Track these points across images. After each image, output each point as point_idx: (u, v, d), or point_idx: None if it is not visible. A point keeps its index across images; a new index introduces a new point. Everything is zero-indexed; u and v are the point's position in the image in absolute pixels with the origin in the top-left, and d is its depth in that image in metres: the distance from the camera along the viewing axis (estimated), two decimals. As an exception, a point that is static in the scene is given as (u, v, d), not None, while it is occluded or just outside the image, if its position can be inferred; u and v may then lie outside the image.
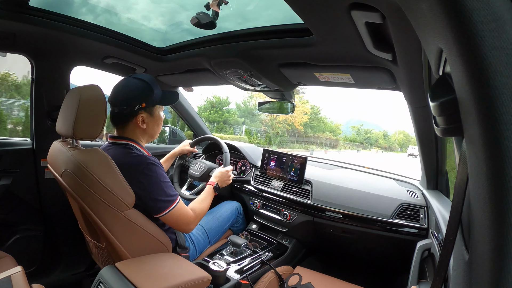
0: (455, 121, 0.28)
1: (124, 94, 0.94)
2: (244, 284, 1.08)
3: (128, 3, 1.19)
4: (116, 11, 1.19)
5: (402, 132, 61.82)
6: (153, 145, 1.90)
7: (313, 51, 0.86)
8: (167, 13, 1.21)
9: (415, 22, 0.38)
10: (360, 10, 0.58)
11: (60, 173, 0.84)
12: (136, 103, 0.93)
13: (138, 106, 0.94)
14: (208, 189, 1.12)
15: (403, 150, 51.30)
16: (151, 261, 0.83)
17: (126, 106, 0.93)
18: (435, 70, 0.37)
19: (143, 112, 0.95)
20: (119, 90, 0.95)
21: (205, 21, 0.85)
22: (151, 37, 1.30)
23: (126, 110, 0.93)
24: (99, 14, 1.16)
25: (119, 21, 1.24)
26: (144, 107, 0.95)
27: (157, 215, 0.90)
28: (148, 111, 0.97)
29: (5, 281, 0.70)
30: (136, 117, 0.95)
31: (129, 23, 1.25)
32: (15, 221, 1.28)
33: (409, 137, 59.51)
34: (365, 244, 1.34)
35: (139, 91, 0.94)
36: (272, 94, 1.36)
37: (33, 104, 1.26)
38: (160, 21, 1.25)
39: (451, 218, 0.32)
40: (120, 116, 0.95)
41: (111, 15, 1.18)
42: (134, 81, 0.95)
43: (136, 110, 0.94)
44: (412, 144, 48.02)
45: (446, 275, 0.38)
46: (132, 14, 1.23)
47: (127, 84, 0.95)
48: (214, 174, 1.22)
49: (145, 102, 0.95)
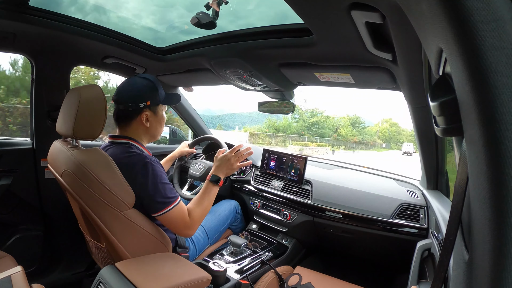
0: (455, 121, 0.28)
1: (130, 92, 0.95)
2: (244, 284, 1.08)
3: (119, 2, 1.17)
4: (109, 8, 1.17)
5: (388, 121, 44.89)
6: (154, 145, 1.90)
7: (313, 51, 0.86)
8: (158, 11, 1.19)
9: (415, 22, 0.38)
10: (360, 10, 0.58)
11: (60, 173, 0.84)
12: (142, 100, 0.94)
13: (143, 104, 0.94)
14: (205, 187, 1.00)
15: (393, 147, 37.87)
16: (151, 261, 0.82)
17: (132, 103, 0.93)
18: (435, 70, 0.37)
19: (148, 110, 0.96)
20: (124, 88, 0.96)
21: (205, 21, 0.85)
22: (151, 37, 1.30)
23: (132, 107, 0.94)
24: (89, 13, 1.15)
25: (119, 21, 1.24)
26: (149, 105, 0.96)
27: (154, 214, 0.89)
28: (152, 110, 0.98)
29: (5, 281, 0.70)
30: (140, 115, 0.95)
31: (129, 23, 1.25)
32: (15, 221, 1.28)
33: (399, 129, 42.95)
34: (365, 244, 1.34)
35: (145, 88, 0.96)
36: (272, 94, 1.36)
37: (33, 104, 1.26)
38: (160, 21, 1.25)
39: (451, 218, 0.32)
40: (125, 113, 0.95)
41: (101, 13, 1.17)
42: (140, 80, 0.97)
43: (141, 107, 0.95)
44: (404, 139, 36.89)
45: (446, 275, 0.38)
46: (124, 13, 1.22)
47: (133, 83, 0.97)
48: (214, 162, 1.07)
49: (149, 100, 0.95)
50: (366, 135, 38.71)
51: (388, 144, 39.65)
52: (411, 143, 29.20)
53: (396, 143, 36.73)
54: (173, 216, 0.89)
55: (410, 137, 26.99)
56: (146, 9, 1.23)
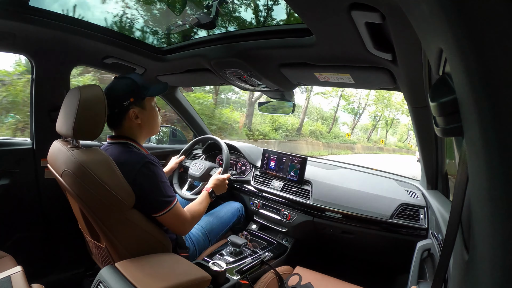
0: (455, 121, 0.28)
1: (111, 95, 0.94)
2: (244, 284, 1.08)
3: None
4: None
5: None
6: (153, 145, 1.90)
7: (313, 51, 0.86)
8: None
9: (415, 22, 0.38)
10: (360, 10, 0.58)
11: (60, 173, 0.84)
12: (124, 99, 0.94)
13: (127, 102, 0.94)
14: (204, 194, 1.13)
15: (400, 145, 23.07)
16: (151, 261, 0.82)
17: (116, 104, 0.93)
18: (435, 70, 0.37)
19: (134, 106, 0.96)
20: (107, 94, 0.94)
21: (205, 21, 0.85)
22: (151, 37, 1.30)
23: (116, 109, 0.94)
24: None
25: (119, 21, 1.24)
26: (133, 101, 0.95)
27: (155, 215, 0.89)
28: (139, 105, 0.97)
29: (5, 281, 0.70)
30: (128, 113, 0.95)
31: (129, 23, 1.25)
32: (15, 221, 1.28)
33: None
34: (365, 244, 1.34)
35: (124, 87, 0.95)
36: (272, 94, 1.36)
37: (33, 104, 1.26)
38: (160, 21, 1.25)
39: (451, 218, 0.32)
40: (113, 116, 0.95)
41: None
42: (119, 81, 0.97)
43: (126, 106, 0.94)
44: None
45: (446, 275, 0.38)
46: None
47: (111, 86, 0.97)
48: (211, 179, 1.22)
49: (132, 96, 0.95)
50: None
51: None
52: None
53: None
54: (172, 215, 0.91)
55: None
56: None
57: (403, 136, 26.16)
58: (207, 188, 1.16)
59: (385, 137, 23.69)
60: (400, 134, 26.54)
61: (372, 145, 19.91)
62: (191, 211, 1.00)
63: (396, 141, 25.80)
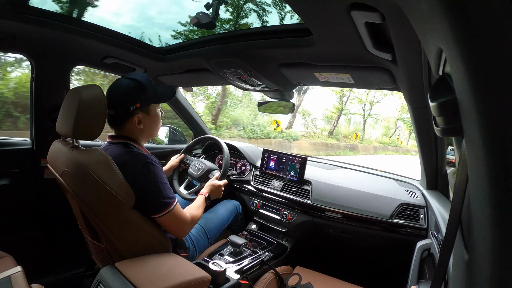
0: (455, 121, 0.28)
1: (117, 96, 0.91)
2: (243, 284, 1.08)
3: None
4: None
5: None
6: (153, 145, 1.90)
7: (312, 51, 0.86)
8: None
9: (415, 22, 0.38)
10: (360, 10, 0.58)
11: (60, 173, 0.84)
12: (131, 103, 0.91)
13: (133, 107, 0.91)
14: (201, 199, 1.12)
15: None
16: (151, 261, 0.82)
17: (120, 107, 0.91)
18: (435, 70, 0.37)
19: (139, 112, 0.93)
20: (111, 93, 0.93)
21: (205, 21, 0.85)
22: (151, 37, 1.30)
23: (121, 112, 0.92)
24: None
25: (119, 21, 1.23)
26: (139, 106, 0.93)
27: (154, 216, 0.89)
28: (144, 111, 0.95)
29: (5, 281, 0.70)
30: (132, 118, 0.93)
31: (129, 23, 1.25)
32: (15, 221, 1.28)
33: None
34: (364, 244, 1.34)
35: (131, 91, 0.92)
36: (272, 94, 1.36)
37: (33, 104, 1.26)
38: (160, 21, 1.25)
39: (451, 218, 0.32)
40: (116, 118, 0.93)
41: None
42: (126, 82, 0.93)
43: (131, 111, 0.92)
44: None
45: (445, 275, 0.38)
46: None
47: (118, 86, 0.93)
48: (208, 183, 1.21)
49: (139, 102, 0.92)
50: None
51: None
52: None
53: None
54: (172, 216, 0.90)
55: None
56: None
57: (389, 129, 18.05)
58: (203, 192, 1.15)
59: (363, 129, 15.78)
60: (385, 126, 18.24)
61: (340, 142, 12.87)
62: (190, 214, 0.99)
63: (380, 135, 17.56)
